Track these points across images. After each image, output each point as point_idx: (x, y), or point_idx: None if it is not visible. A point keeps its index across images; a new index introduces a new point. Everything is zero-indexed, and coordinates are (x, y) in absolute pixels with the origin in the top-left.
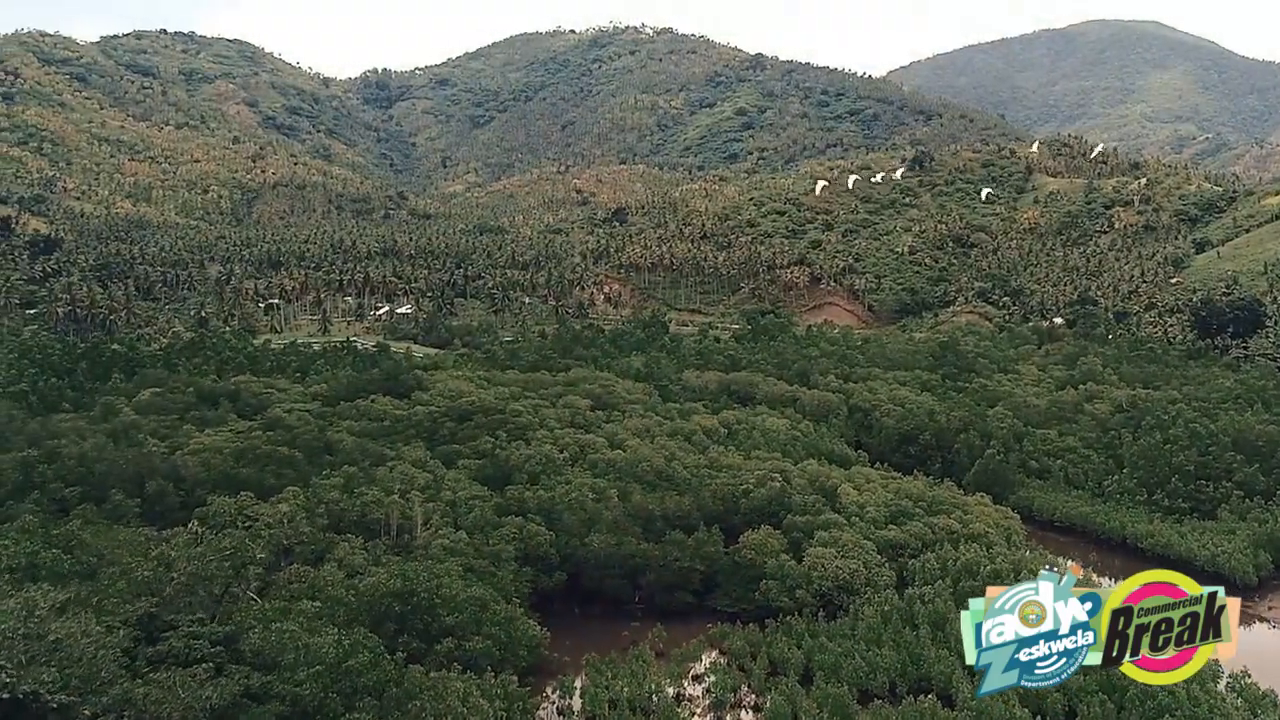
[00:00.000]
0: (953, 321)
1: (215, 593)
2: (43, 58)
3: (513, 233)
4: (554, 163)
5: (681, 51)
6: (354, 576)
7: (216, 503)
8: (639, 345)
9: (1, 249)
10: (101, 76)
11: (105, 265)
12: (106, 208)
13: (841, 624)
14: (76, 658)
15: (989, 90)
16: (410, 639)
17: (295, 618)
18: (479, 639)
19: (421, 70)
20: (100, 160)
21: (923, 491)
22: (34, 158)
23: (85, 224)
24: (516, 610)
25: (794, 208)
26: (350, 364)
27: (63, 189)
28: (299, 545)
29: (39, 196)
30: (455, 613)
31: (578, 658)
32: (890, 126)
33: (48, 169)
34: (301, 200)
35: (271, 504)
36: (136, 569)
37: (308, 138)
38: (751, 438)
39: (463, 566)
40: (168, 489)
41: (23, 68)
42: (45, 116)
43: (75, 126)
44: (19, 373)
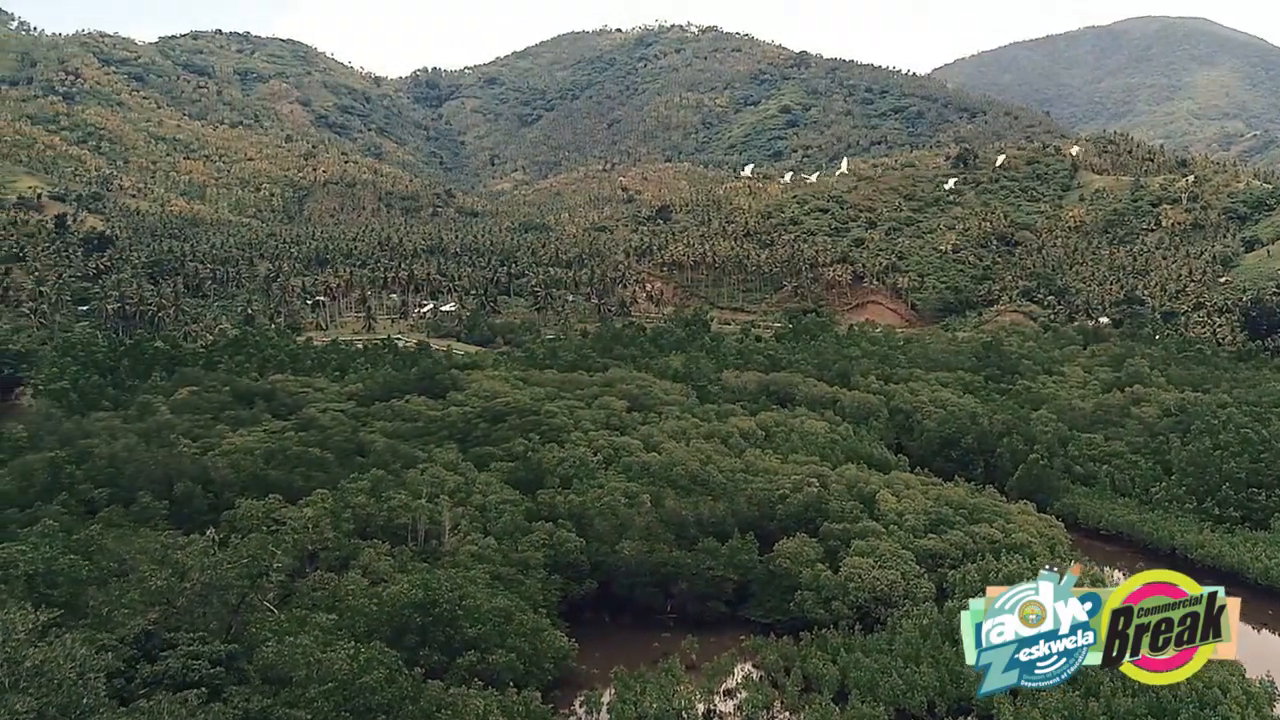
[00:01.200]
0: (996, 321)
1: (231, 603)
2: (102, 58)
3: (557, 230)
4: (600, 161)
5: (726, 49)
6: (378, 584)
7: (244, 505)
8: (679, 344)
9: (57, 246)
10: (159, 76)
11: (157, 263)
12: (161, 205)
13: (878, 638)
14: (57, 684)
15: (1034, 88)
16: (431, 652)
17: (310, 631)
18: (502, 652)
19: (470, 69)
20: (156, 159)
21: (964, 498)
22: (93, 156)
23: (140, 221)
24: (543, 621)
25: (837, 205)
26: (390, 362)
27: (119, 187)
28: (323, 551)
29: (96, 194)
30: (479, 624)
31: (606, 670)
32: (934, 124)
33: (105, 167)
34: (351, 198)
35: (299, 507)
36: (150, 578)
37: (359, 136)
38: (789, 440)
39: (490, 574)
40: (195, 491)
41: (83, 68)
42: (104, 116)
43: (133, 126)
44: (61, 370)
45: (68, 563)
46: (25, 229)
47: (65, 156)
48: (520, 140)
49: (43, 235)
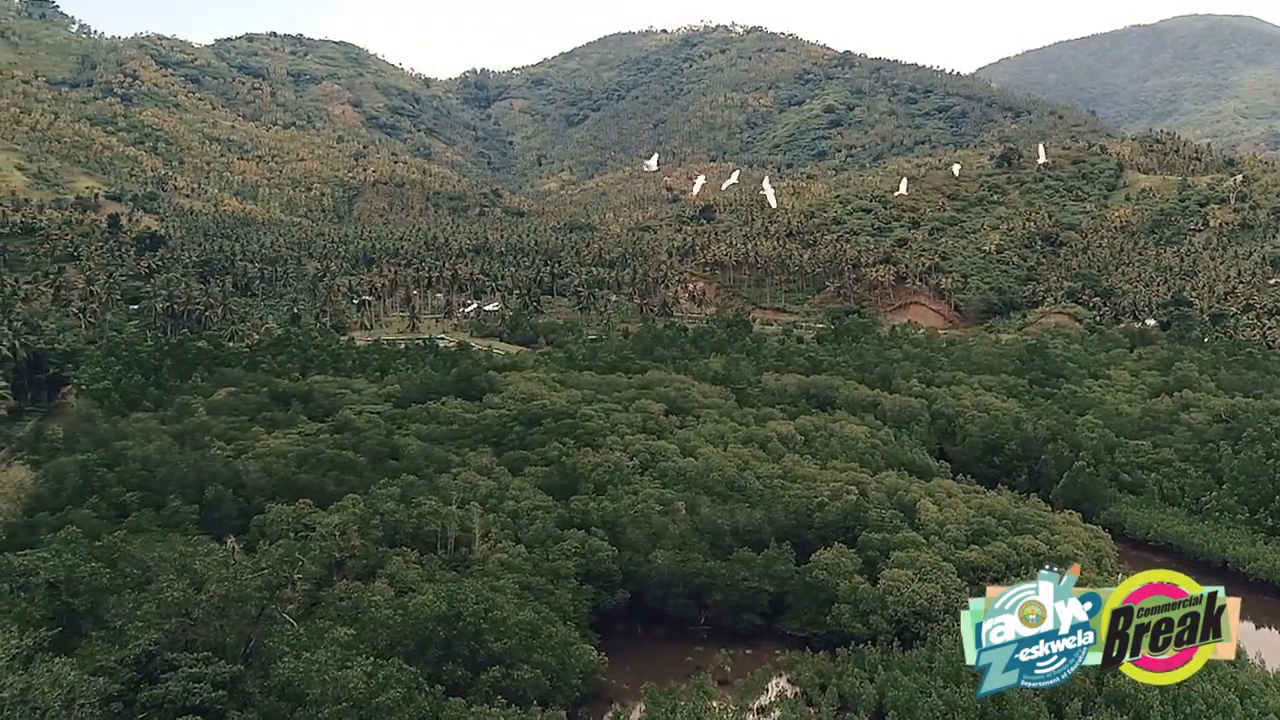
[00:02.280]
0: (1041, 323)
1: (249, 615)
2: (160, 60)
3: (601, 230)
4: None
5: (771, 49)
6: (404, 594)
7: (274, 510)
8: (720, 345)
9: (110, 246)
10: (214, 78)
11: (207, 262)
12: (214, 205)
13: (917, 655)
14: (43, 711)
15: (1079, 87)
16: (455, 667)
17: (328, 646)
18: (528, 668)
19: (518, 70)
20: (211, 159)
21: (1007, 508)
22: (149, 157)
23: (193, 221)
24: (572, 634)
25: (880, 205)
26: (430, 363)
27: (174, 187)
28: (351, 559)
29: (151, 194)
30: (504, 638)
31: (637, 685)
32: (979, 123)
33: (161, 168)
34: (400, 198)
35: (329, 513)
36: (167, 589)
37: (409, 137)
38: (829, 446)
39: (519, 584)
40: (226, 495)
41: (141, 70)
42: (160, 117)
43: (188, 127)
44: (104, 370)
45: (88, 570)
46: (80, 229)
47: (122, 157)
48: (567, 140)
49: (96, 235)
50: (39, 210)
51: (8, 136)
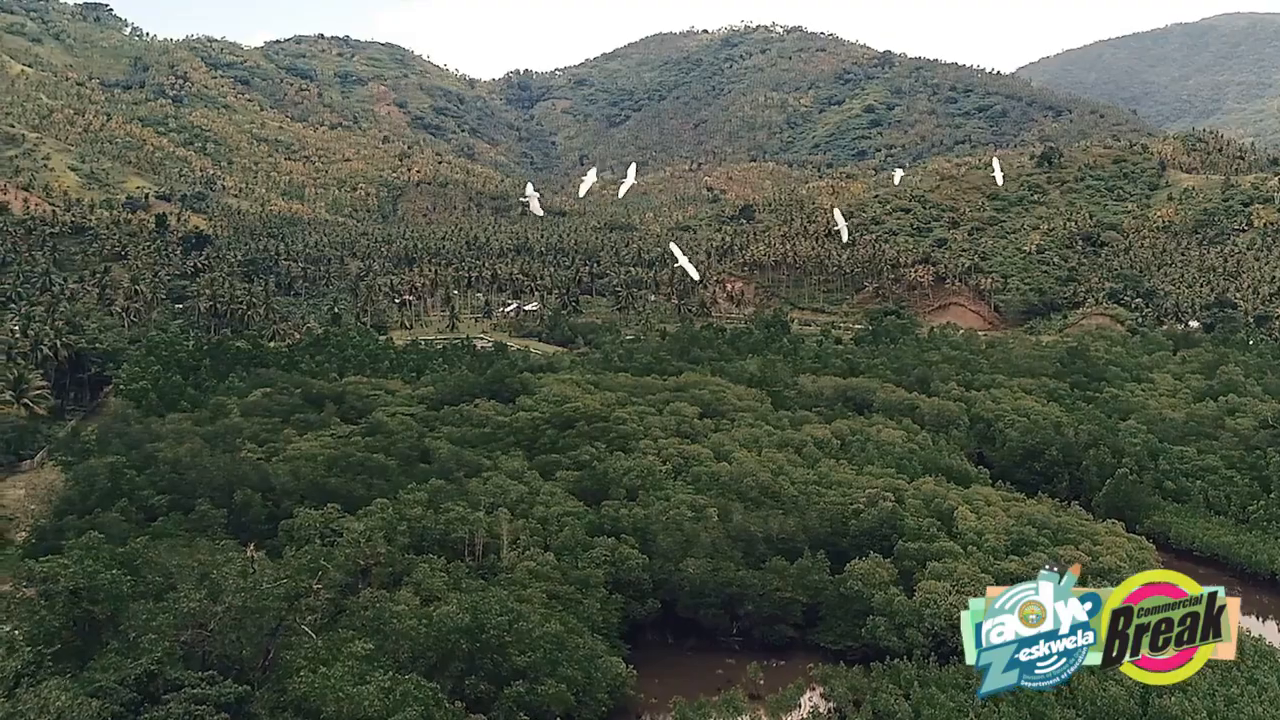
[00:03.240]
0: (1081, 324)
1: (267, 626)
2: (210, 62)
3: (641, 230)
4: (686, 160)
5: (811, 49)
6: (430, 603)
7: (301, 515)
8: (757, 346)
9: (156, 245)
10: (263, 80)
11: (252, 261)
12: (262, 205)
13: (955, 671)
14: None
15: (1120, 86)
16: (478, 681)
17: (346, 660)
18: (553, 682)
19: (561, 71)
20: (259, 159)
21: (1048, 517)
22: (198, 157)
23: (240, 221)
24: (599, 646)
25: (919, 205)
26: (466, 364)
27: (222, 187)
28: (376, 566)
29: (200, 194)
30: (529, 651)
31: (666, 698)
32: (1019, 123)
33: (210, 168)
34: (443, 197)
35: (358, 518)
36: (184, 599)
37: (453, 137)
38: (865, 450)
39: (547, 593)
40: (255, 499)
41: (192, 72)
42: (210, 118)
43: (237, 127)
44: (143, 370)
45: (109, 578)
46: (127, 228)
47: (173, 157)
48: (609, 140)
49: (144, 234)
50: (90, 210)
51: (62, 137)
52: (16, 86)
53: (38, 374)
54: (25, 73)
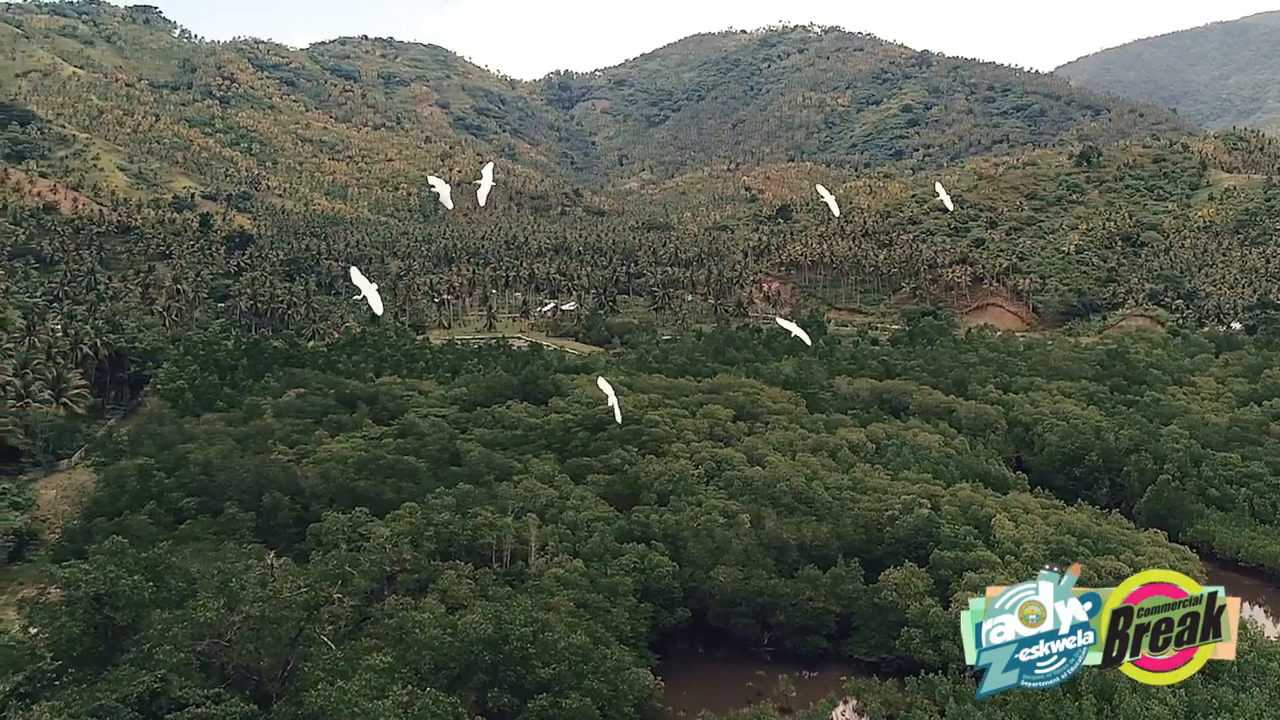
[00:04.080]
0: (1121, 326)
1: (286, 637)
2: (256, 63)
3: (679, 229)
4: (724, 160)
5: (849, 49)
6: (455, 610)
7: (329, 519)
8: (793, 348)
9: (200, 245)
10: (308, 81)
11: (294, 260)
12: (305, 204)
13: None
14: None
15: (1159, 85)
16: (501, 693)
17: (365, 672)
18: (577, 696)
19: (601, 71)
20: (303, 159)
21: (1088, 525)
22: (244, 157)
23: (284, 220)
24: (626, 657)
25: (957, 205)
26: (502, 364)
27: (266, 187)
28: (402, 573)
29: (245, 194)
30: (554, 663)
31: (695, 711)
32: (1057, 122)
33: (255, 168)
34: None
35: (386, 522)
36: (201, 608)
37: (494, 137)
38: (901, 455)
39: (575, 601)
40: (284, 502)
41: (238, 73)
42: (256, 118)
43: (282, 128)
44: (180, 369)
45: (130, 584)
46: (172, 227)
47: (219, 158)
48: (648, 140)
49: (188, 234)
50: (136, 210)
51: (111, 138)
52: (68, 88)
53: (77, 373)
54: (77, 74)
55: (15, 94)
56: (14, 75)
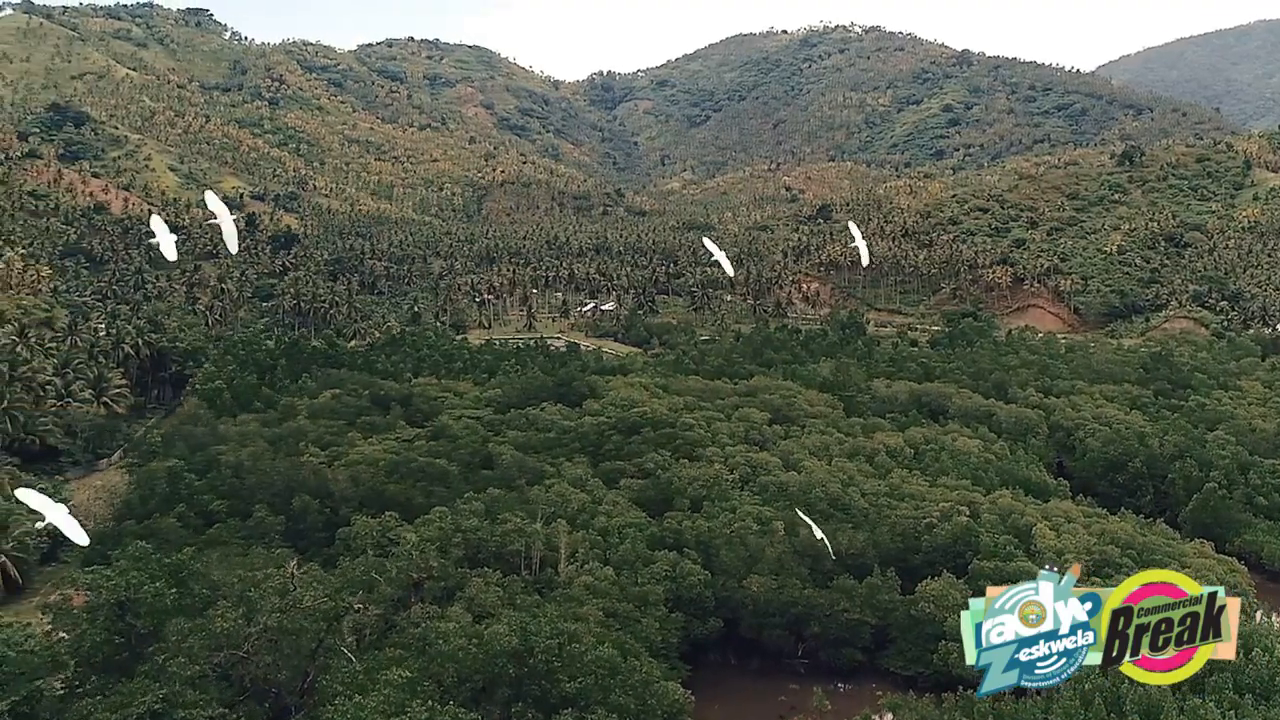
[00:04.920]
0: (1164, 328)
1: (305, 648)
2: (305, 65)
3: (719, 229)
4: (765, 160)
5: (889, 49)
6: (482, 620)
7: (359, 523)
8: (831, 349)
9: (246, 244)
10: (355, 82)
11: (338, 260)
12: (351, 204)
13: (1033, 704)
14: None
15: (1202, 84)
16: (525, 708)
17: (384, 686)
18: (604, 711)
19: (643, 72)
20: (349, 160)
21: (1132, 535)
22: (292, 158)
23: (330, 220)
24: (655, 670)
25: (997, 205)
26: (539, 364)
27: (313, 187)
28: (429, 580)
29: (292, 194)
30: (580, 676)
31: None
32: (1099, 121)
33: (303, 168)
34: (527, 197)
35: (415, 527)
36: (219, 619)
37: (538, 138)
38: (939, 460)
39: (604, 610)
40: (313, 506)
41: (287, 75)
42: (303, 119)
43: (329, 129)
44: (219, 369)
45: (152, 591)
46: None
47: (267, 158)
48: (689, 140)
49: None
50: (185, 209)
51: (162, 138)
52: (121, 89)
53: (118, 372)
54: (130, 76)
55: (71, 95)
56: (69, 77)
